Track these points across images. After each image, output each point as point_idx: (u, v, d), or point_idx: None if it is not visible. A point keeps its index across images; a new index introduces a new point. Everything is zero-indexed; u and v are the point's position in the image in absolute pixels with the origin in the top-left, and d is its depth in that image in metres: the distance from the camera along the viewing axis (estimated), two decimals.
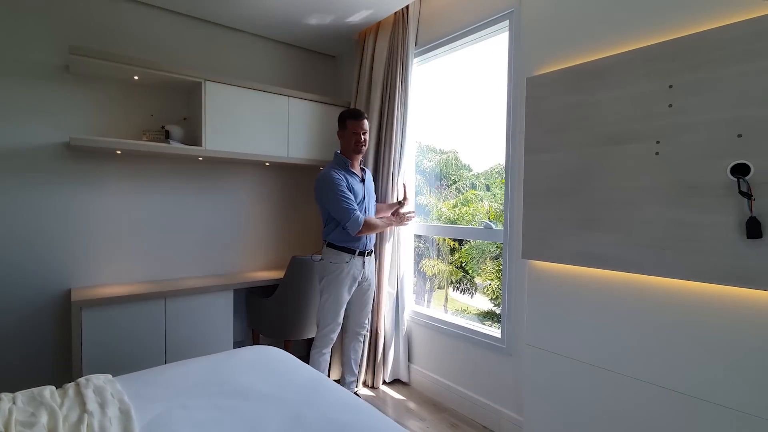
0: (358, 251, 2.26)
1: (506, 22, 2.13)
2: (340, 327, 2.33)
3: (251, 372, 1.43)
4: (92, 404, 1.17)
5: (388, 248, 2.59)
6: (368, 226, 2.19)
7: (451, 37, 2.43)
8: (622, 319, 1.60)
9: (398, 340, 2.64)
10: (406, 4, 2.46)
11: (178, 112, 2.62)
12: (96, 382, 1.31)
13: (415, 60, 2.62)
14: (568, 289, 1.78)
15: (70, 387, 1.30)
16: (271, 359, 1.57)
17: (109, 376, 1.37)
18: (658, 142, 1.49)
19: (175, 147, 2.32)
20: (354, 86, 2.84)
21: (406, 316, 2.69)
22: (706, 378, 1.38)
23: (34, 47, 2.18)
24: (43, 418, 1.10)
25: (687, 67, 1.41)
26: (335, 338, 2.32)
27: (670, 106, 1.46)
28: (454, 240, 3.16)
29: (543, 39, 1.87)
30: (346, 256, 2.25)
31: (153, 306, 2.26)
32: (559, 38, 1.81)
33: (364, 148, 2.28)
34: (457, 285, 3.26)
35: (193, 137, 2.52)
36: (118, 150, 2.25)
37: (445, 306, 3.25)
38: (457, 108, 2.76)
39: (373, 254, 2.39)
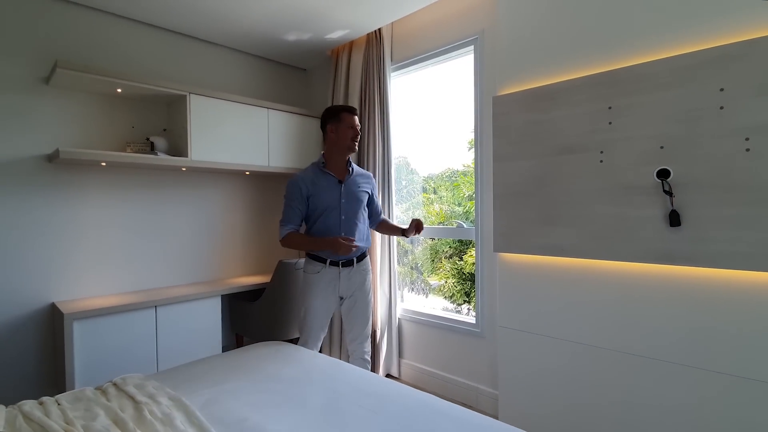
0: (329, 261, 2.10)
1: (471, 47, 2.44)
2: (321, 342, 2.20)
3: (274, 362, 1.58)
4: (141, 397, 1.27)
5: (377, 250, 2.78)
6: (289, 242, 2.05)
7: (419, 58, 2.71)
8: (580, 298, 1.94)
9: (391, 337, 2.81)
10: (380, 26, 2.70)
11: (158, 124, 2.67)
12: (132, 380, 1.40)
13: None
14: (534, 276, 2.10)
15: (109, 386, 1.38)
16: (285, 351, 1.73)
17: (141, 375, 1.47)
18: (601, 152, 1.84)
19: (163, 158, 2.38)
20: (329, 99, 3.03)
21: (398, 314, 2.87)
22: (648, 338, 1.75)
23: (11, 60, 2.16)
24: (100, 412, 1.20)
25: (622, 92, 1.78)
26: (317, 351, 2.15)
27: (610, 123, 1.82)
28: (409, 243, 3.42)
29: (505, 65, 2.19)
30: (317, 266, 2.11)
31: (143, 315, 2.30)
32: (519, 65, 2.14)
33: (356, 146, 2.14)
34: (412, 286, 3.52)
35: (176, 148, 2.58)
36: (104, 162, 2.27)
37: (401, 302, 3.47)
38: (413, 117, 3.04)
39: (356, 265, 2.16)
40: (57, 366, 2.24)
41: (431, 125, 3.00)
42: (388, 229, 2.36)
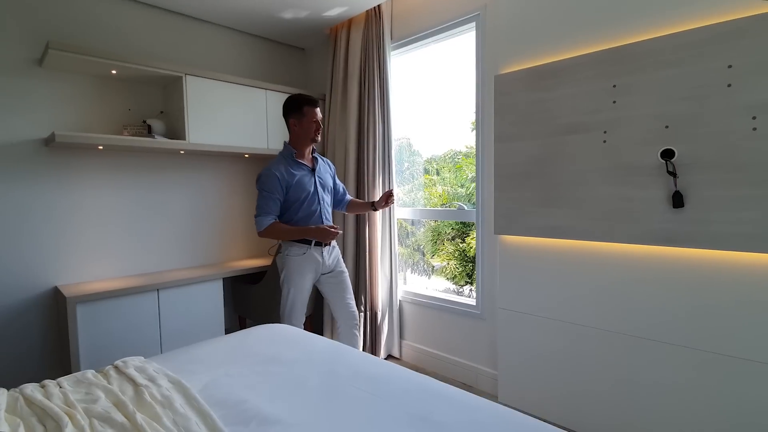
0: (314, 241, 2.19)
1: (473, 24, 2.37)
2: (303, 322, 2.30)
3: (274, 344, 1.60)
4: (141, 380, 1.29)
5: (378, 233, 2.77)
6: (272, 232, 2.11)
7: (420, 36, 2.64)
8: (580, 279, 1.94)
9: (392, 318, 2.83)
10: (379, 3, 2.63)
11: (155, 106, 2.63)
12: (133, 363, 1.42)
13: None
14: (535, 258, 2.09)
15: (110, 369, 1.39)
16: (286, 334, 1.74)
17: (142, 357, 1.48)
18: (605, 132, 1.81)
19: (160, 141, 2.35)
20: (328, 79, 2.98)
21: (399, 296, 2.88)
22: (647, 319, 1.74)
23: (2, 41, 2.11)
24: (101, 395, 1.22)
25: (627, 70, 1.73)
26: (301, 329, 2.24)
27: (614, 102, 1.77)
28: (411, 224, 3.40)
29: (507, 42, 2.13)
30: (302, 248, 2.18)
31: (146, 299, 2.31)
32: (521, 42, 2.08)
33: (319, 137, 2.21)
34: (415, 267, 3.53)
35: (173, 131, 2.55)
36: (101, 145, 2.25)
37: (404, 284, 3.47)
38: (414, 98, 2.98)
39: (332, 243, 2.31)
40: (62, 348, 2.27)
41: (433, 106, 2.94)
42: (358, 207, 2.53)
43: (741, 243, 1.49)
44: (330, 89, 2.97)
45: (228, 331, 2.87)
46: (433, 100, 2.94)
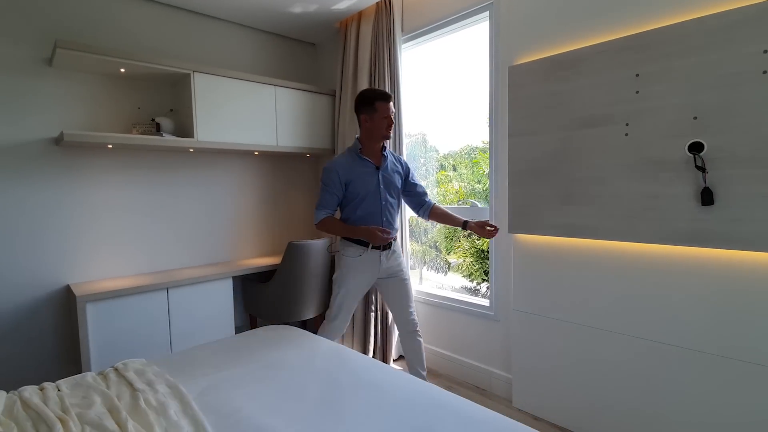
0: (371, 245, 2.08)
1: (486, 13, 2.27)
2: (348, 323, 2.23)
3: (277, 348, 1.55)
4: (139, 384, 1.26)
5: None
6: (324, 226, 2.09)
7: (431, 27, 2.55)
8: (598, 281, 1.83)
9: None
10: None
11: (164, 104, 2.62)
12: (133, 365, 1.40)
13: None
14: (551, 258, 1.99)
15: (110, 371, 1.38)
16: (290, 336, 1.69)
17: (143, 360, 1.46)
18: (627, 124, 1.69)
19: (169, 140, 2.34)
20: (338, 74, 2.92)
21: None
22: (670, 323, 1.63)
23: (12, 40, 2.12)
24: (97, 400, 1.19)
25: (651, 58, 1.61)
26: (344, 331, 2.24)
27: (637, 92, 1.66)
28: (426, 221, 3.32)
29: (522, 31, 2.03)
30: (358, 249, 2.09)
31: (156, 297, 2.31)
32: (536, 30, 1.97)
33: (391, 133, 2.11)
34: (431, 264, 3.45)
35: (183, 129, 2.53)
36: (110, 144, 2.25)
37: (419, 284, 3.40)
38: (428, 92, 2.89)
39: (394, 247, 2.18)
40: (74, 347, 2.29)
41: (448, 100, 2.85)
42: (445, 218, 2.22)
43: None
44: (340, 84, 2.91)
45: (238, 329, 2.86)
46: (447, 94, 2.84)
